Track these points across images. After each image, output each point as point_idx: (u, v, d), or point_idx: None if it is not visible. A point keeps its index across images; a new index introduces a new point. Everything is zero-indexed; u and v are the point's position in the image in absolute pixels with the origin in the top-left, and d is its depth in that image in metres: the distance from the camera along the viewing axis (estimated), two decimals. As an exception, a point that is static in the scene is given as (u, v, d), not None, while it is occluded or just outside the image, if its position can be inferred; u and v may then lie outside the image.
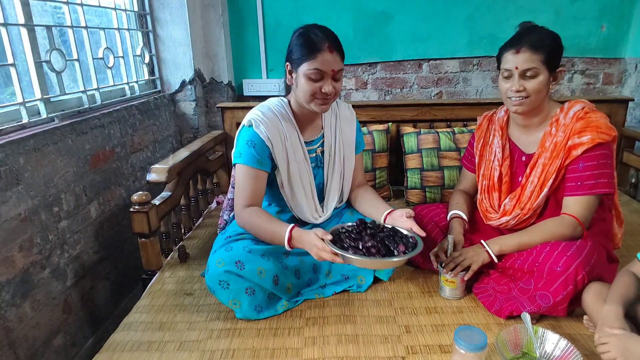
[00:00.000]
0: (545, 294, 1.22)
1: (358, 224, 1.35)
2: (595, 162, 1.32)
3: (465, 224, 1.54)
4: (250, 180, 1.39)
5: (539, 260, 1.27)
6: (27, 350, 1.40)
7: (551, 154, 1.37)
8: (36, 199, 1.45)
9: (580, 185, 1.33)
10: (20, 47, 1.54)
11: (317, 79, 1.31)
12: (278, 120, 1.42)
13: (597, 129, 1.31)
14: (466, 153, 1.71)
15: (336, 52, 1.32)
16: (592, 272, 1.21)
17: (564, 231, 1.32)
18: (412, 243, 1.29)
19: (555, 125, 1.38)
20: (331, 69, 1.31)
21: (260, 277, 1.30)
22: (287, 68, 1.38)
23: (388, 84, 2.92)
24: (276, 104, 1.46)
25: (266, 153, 1.39)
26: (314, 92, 1.33)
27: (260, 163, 1.39)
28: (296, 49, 1.33)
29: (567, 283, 1.19)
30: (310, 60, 1.29)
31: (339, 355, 1.17)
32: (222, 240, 1.45)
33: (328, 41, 1.30)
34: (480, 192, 1.57)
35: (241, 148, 1.39)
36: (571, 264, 1.20)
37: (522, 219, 1.44)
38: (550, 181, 1.37)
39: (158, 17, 2.49)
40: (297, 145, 1.45)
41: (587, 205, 1.33)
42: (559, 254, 1.24)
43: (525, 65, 1.31)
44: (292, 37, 1.36)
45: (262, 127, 1.38)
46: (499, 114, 1.58)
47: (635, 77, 2.77)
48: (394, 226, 1.38)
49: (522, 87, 1.33)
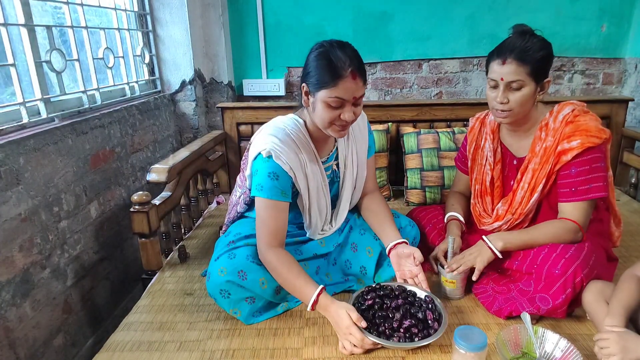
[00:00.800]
0: (545, 297, 1.22)
1: (372, 294, 1.28)
2: (588, 166, 1.30)
3: (463, 225, 1.53)
4: (274, 213, 1.29)
5: (538, 262, 1.27)
6: (27, 350, 1.40)
7: (541, 159, 1.36)
8: (36, 199, 1.45)
9: (575, 192, 1.32)
10: (20, 47, 1.54)
11: (337, 106, 1.21)
12: (297, 147, 1.32)
13: (586, 132, 1.29)
14: (459, 154, 1.70)
15: (359, 78, 1.20)
16: (591, 274, 1.21)
17: (566, 236, 1.31)
18: (434, 307, 1.24)
19: (545, 130, 1.37)
20: (352, 97, 1.21)
21: (262, 287, 1.28)
22: (304, 89, 1.27)
23: (388, 84, 2.92)
24: (292, 127, 1.33)
25: (289, 184, 1.31)
26: (332, 119, 1.24)
27: (284, 195, 1.30)
28: (315, 72, 1.21)
29: (566, 286, 1.19)
30: (331, 88, 1.18)
31: (339, 355, 1.17)
32: (225, 244, 1.40)
33: (352, 66, 1.18)
34: (474, 197, 1.57)
35: (262, 180, 1.28)
36: (569, 267, 1.20)
37: (514, 224, 1.44)
38: (540, 186, 1.37)
39: (158, 17, 2.49)
40: (316, 169, 1.38)
41: (584, 210, 1.33)
42: (557, 256, 1.24)
43: (510, 77, 1.28)
44: (310, 55, 1.24)
45: (283, 158, 1.27)
46: (490, 116, 1.56)
47: (635, 77, 2.77)
48: (403, 285, 1.33)
49: (505, 99, 1.30)
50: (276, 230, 1.30)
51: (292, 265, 1.26)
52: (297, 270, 1.26)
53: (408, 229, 1.53)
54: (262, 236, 1.30)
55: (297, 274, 1.25)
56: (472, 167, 1.58)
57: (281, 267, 1.25)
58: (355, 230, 1.54)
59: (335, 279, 1.49)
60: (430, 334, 1.16)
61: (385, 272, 1.49)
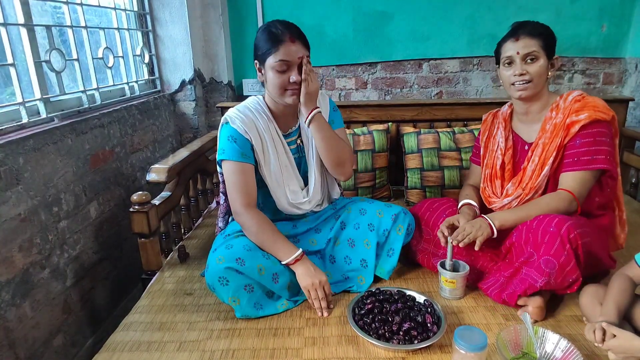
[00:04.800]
0: (549, 259, 1.22)
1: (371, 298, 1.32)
2: (592, 138, 1.34)
3: (477, 209, 1.54)
4: (240, 175, 1.40)
5: (533, 226, 1.29)
6: (27, 350, 1.40)
7: (551, 134, 1.40)
8: (36, 199, 1.45)
9: (577, 161, 1.36)
10: (20, 47, 1.54)
11: (283, 70, 1.33)
12: (254, 115, 1.45)
13: (594, 108, 1.36)
14: (474, 149, 1.74)
15: (298, 41, 1.34)
16: (585, 236, 1.22)
17: (559, 205, 1.34)
18: (432, 310, 1.27)
19: (556, 110, 1.43)
20: (297, 57, 1.33)
21: (260, 274, 1.30)
22: (257, 66, 1.41)
23: (388, 84, 2.92)
24: (252, 101, 1.50)
25: (247, 146, 1.42)
26: (282, 84, 1.35)
27: (245, 156, 1.41)
28: (260, 45, 1.36)
29: (564, 242, 1.21)
30: (274, 53, 1.32)
31: (339, 355, 1.17)
32: (222, 239, 1.45)
33: (289, 32, 1.33)
34: (484, 181, 1.59)
35: (223, 144, 1.42)
36: (563, 224, 1.22)
37: (523, 199, 1.45)
38: (550, 159, 1.39)
39: (158, 16, 2.49)
40: (277, 138, 1.47)
41: (582, 181, 1.35)
42: (550, 217, 1.26)
43: (526, 50, 1.37)
44: (256, 35, 1.39)
45: (238, 122, 1.41)
46: (502, 109, 1.63)
47: (635, 76, 2.77)
48: (402, 290, 1.37)
49: (524, 70, 1.38)
50: (246, 191, 1.40)
51: (268, 224, 1.40)
52: (273, 228, 1.40)
53: (402, 216, 1.52)
54: (235, 198, 1.40)
55: (274, 231, 1.39)
56: (484, 154, 1.62)
57: (258, 226, 1.37)
58: (350, 226, 1.55)
59: (335, 278, 1.49)
60: (430, 337, 1.17)
61: (386, 263, 1.50)
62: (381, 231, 1.50)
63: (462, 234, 1.37)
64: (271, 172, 1.47)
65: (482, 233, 1.35)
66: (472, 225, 1.38)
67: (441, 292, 1.43)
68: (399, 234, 1.51)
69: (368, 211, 1.55)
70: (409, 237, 1.55)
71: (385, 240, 1.51)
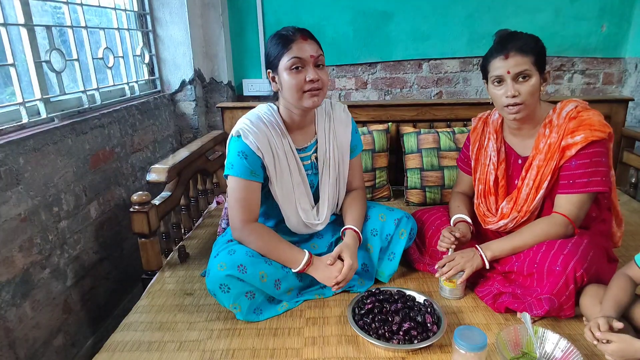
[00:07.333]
0: (551, 298, 1.22)
1: (372, 298, 1.32)
2: (589, 160, 1.30)
3: (471, 227, 1.51)
4: (245, 192, 1.36)
5: (537, 261, 1.27)
6: (27, 350, 1.40)
7: (545, 155, 1.36)
8: (36, 199, 1.45)
9: (573, 184, 1.32)
10: (20, 47, 1.54)
11: (297, 67, 1.29)
12: (267, 128, 1.38)
13: (590, 127, 1.29)
14: (461, 155, 1.68)
15: (310, 40, 1.31)
16: (590, 269, 1.21)
17: (555, 230, 1.32)
18: (432, 311, 1.27)
19: (549, 127, 1.37)
20: (310, 55, 1.29)
21: (262, 281, 1.30)
22: (269, 75, 1.36)
23: (388, 84, 2.92)
24: (265, 111, 1.42)
25: (258, 163, 1.36)
26: (299, 84, 1.29)
27: (254, 174, 1.35)
28: (271, 51, 1.32)
29: (568, 283, 1.20)
30: (286, 53, 1.28)
31: (339, 355, 1.17)
32: (224, 243, 1.43)
33: (299, 32, 1.31)
34: (477, 197, 1.56)
35: (232, 159, 1.36)
36: (569, 262, 1.20)
37: (519, 222, 1.43)
38: (545, 183, 1.36)
39: (158, 17, 2.49)
40: (290, 154, 1.41)
41: (579, 204, 1.32)
42: (555, 253, 1.24)
43: (517, 69, 1.28)
44: (266, 45, 1.36)
45: (251, 137, 1.34)
46: (493, 116, 1.55)
47: (635, 76, 2.77)
48: (402, 290, 1.37)
49: (517, 91, 1.29)
50: (249, 208, 1.37)
51: (268, 234, 1.37)
52: (275, 237, 1.37)
53: (404, 220, 1.52)
54: (236, 214, 1.36)
55: (277, 241, 1.36)
56: (476, 167, 1.57)
57: (259, 239, 1.35)
58: None
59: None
60: (430, 337, 1.17)
61: (387, 267, 1.50)
62: (384, 236, 1.50)
63: (450, 265, 1.36)
64: (282, 190, 1.42)
65: (471, 265, 1.34)
66: (461, 257, 1.36)
67: (441, 292, 1.43)
68: (401, 238, 1.50)
69: (371, 216, 1.54)
70: (411, 242, 1.55)
71: (387, 245, 1.50)
